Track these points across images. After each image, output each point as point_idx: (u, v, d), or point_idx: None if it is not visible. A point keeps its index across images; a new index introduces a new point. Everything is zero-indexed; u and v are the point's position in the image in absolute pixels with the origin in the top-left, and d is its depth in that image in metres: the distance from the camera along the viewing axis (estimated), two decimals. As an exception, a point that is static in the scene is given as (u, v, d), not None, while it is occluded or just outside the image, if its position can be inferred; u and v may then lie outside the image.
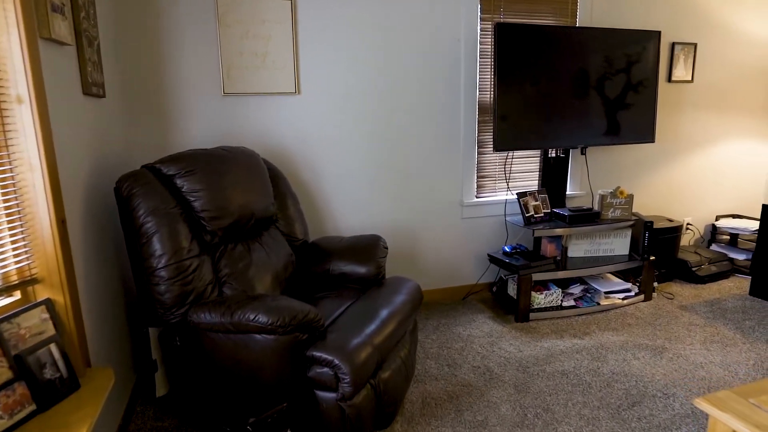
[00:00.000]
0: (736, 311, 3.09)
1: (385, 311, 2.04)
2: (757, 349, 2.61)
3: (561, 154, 3.25)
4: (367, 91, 2.91)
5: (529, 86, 2.95)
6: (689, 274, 3.56)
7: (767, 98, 3.90)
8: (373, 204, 3.06)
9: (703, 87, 3.69)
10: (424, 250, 3.24)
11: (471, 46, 3.05)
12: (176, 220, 1.91)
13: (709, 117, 3.77)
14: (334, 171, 2.95)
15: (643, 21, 3.41)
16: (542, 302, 3.03)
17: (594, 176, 3.55)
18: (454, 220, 3.26)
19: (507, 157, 3.32)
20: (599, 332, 2.83)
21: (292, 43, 2.68)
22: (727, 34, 3.65)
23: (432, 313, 3.12)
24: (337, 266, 2.42)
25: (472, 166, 3.22)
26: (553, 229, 2.98)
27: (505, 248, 3.15)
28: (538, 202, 3.12)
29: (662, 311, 3.10)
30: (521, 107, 2.96)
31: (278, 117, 2.77)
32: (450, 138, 3.14)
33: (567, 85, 3.03)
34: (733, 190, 4.01)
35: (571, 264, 3.11)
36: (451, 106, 3.10)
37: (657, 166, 3.71)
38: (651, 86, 3.24)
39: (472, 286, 3.41)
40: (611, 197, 3.15)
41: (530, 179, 3.42)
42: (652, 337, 2.76)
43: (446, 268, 3.32)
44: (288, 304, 1.70)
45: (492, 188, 3.34)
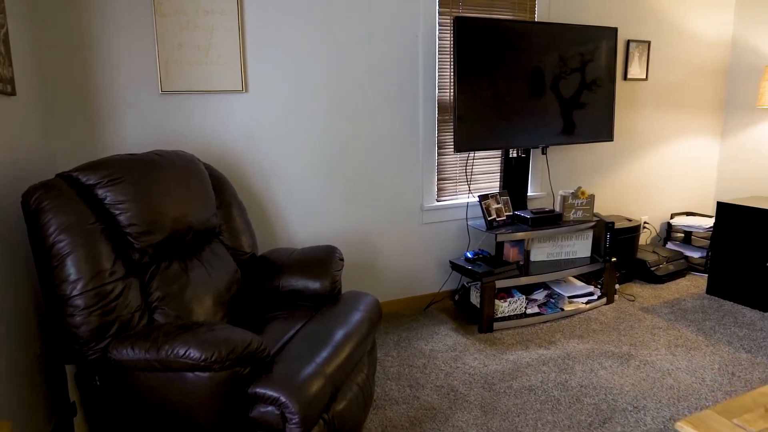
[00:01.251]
0: (695, 311, 3.08)
1: (341, 333, 1.85)
2: (720, 352, 2.59)
3: (522, 154, 3.14)
4: (320, 90, 2.70)
5: (490, 84, 2.82)
6: (648, 274, 3.54)
7: (717, 96, 3.95)
8: (328, 211, 2.86)
9: (656, 85, 3.69)
10: (384, 259, 3.07)
11: (429, 41, 2.89)
12: (96, 237, 1.64)
13: (663, 115, 3.77)
14: (285, 176, 2.72)
15: (599, 18, 3.35)
16: (506, 310, 2.91)
17: (553, 176, 3.47)
18: (414, 225, 3.10)
19: (468, 158, 3.18)
20: (565, 340, 2.74)
21: (239, 36, 2.43)
22: (678, 32, 3.66)
23: (392, 327, 2.95)
24: (288, 282, 2.21)
25: (432, 168, 3.07)
26: (515, 233, 2.86)
27: (467, 254, 3.02)
28: (500, 204, 3.01)
29: (625, 314, 3.05)
30: (482, 105, 2.83)
31: (223, 117, 2.52)
32: (409, 139, 2.98)
33: (528, 82, 2.92)
34: (687, 188, 4.04)
35: (534, 268, 3.01)
36: (410, 105, 2.94)
37: (614, 164, 3.68)
38: (609, 84, 3.18)
39: (434, 295, 3.26)
40: (572, 198, 3.07)
41: (491, 181, 3.31)
42: (617, 344, 2.69)
43: (407, 277, 3.16)
44: (225, 335, 1.47)
45: (453, 191, 3.20)
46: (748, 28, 3.77)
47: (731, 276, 3.19)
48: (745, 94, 3.84)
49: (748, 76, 3.81)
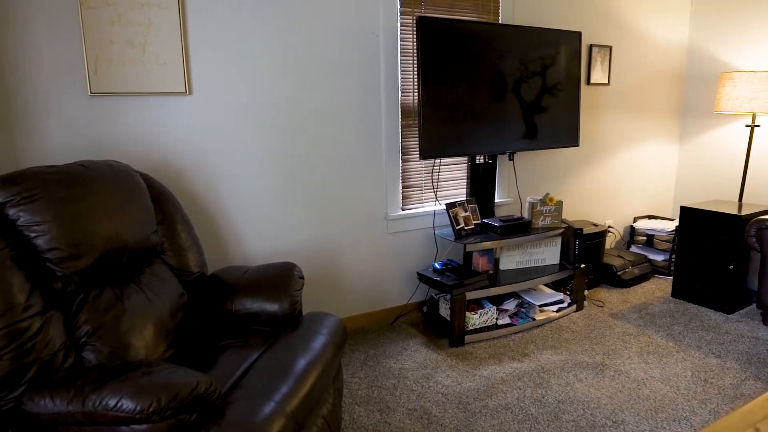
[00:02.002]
0: (663, 316, 3.05)
1: (302, 362, 1.65)
2: (691, 358, 2.54)
3: (489, 160, 3.04)
4: (274, 92, 2.49)
5: (456, 87, 2.70)
6: (615, 278, 3.51)
7: (675, 101, 3.99)
8: (286, 223, 2.65)
9: (618, 90, 3.68)
10: (347, 272, 2.88)
11: (390, 42, 2.74)
12: (5, 266, 1.38)
13: (625, 120, 3.77)
14: (237, 186, 2.49)
15: (562, 22, 3.31)
16: (477, 323, 2.78)
17: (520, 182, 3.39)
18: (378, 235, 2.93)
19: (434, 164, 3.05)
20: (538, 352, 2.64)
21: (180, 32, 2.20)
22: (638, 38, 3.67)
23: (358, 344, 2.76)
24: (243, 304, 1.99)
25: (397, 175, 2.91)
26: (485, 242, 2.74)
27: (435, 265, 2.87)
28: (468, 212, 2.88)
29: (595, 321, 2.99)
30: (448, 110, 2.70)
31: (164, 122, 2.27)
32: (371, 144, 2.81)
33: (494, 86, 2.82)
34: (648, 191, 4.07)
35: (504, 278, 2.90)
36: (371, 109, 2.77)
37: (578, 169, 3.64)
38: (575, 89, 3.13)
39: (402, 308, 3.10)
40: (541, 205, 2.99)
41: (458, 187, 3.18)
42: (590, 353, 2.61)
43: (372, 290, 2.99)
44: (166, 378, 1.25)
45: (419, 199, 3.05)
46: (702, 36, 3.83)
47: (695, 279, 3.20)
48: (702, 100, 3.90)
49: (703, 81, 3.87)
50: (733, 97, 3.23)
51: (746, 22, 3.54)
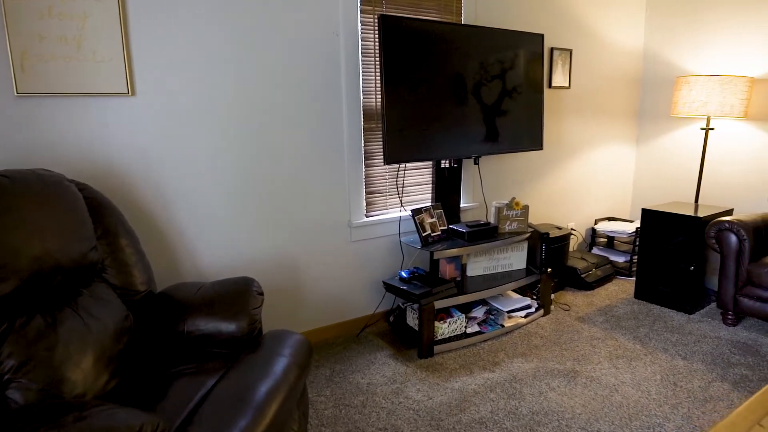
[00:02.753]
0: (628, 318, 3.06)
1: (263, 388, 1.51)
2: (658, 361, 2.54)
3: (454, 164, 2.96)
4: (228, 93, 2.32)
5: (421, 90, 2.61)
6: (579, 281, 3.52)
7: (632, 104, 4.07)
8: (242, 234, 2.47)
9: (578, 93, 3.70)
10: (310, 283, 2.73)
11: (351, 42, 2.62)
12: None
13: (585, 123, 3.80)
14: (188, 195, 2.30)
15: (524, 24, 3.28)
16: (446, 332, 2.70)
17: (484, 186, 3.34)
18: (342, 244, 2.80)
19: (399, 169, 2.95)
20: (509, 360, 2.57)
21: (120, 26, 2.00)
22: (597, 42, 3.71)
23: (323, 359, 2.62)
24: (196, 325, 1.82)
25: (360, 180, 2.79)
26: (452, 249, 2.66)
27: (402, 273, 2.77)
28: (434, 218, 2.79)
29: (563, 326, 2.96)
30: (413, 113, 2.60)
31: (104, 126, 2.06)
32: (332, 149, 2.68)
33: (459, 88, 2.75)
34: (608, 193, 4.12)
35: (471, 285, 2.82)
36: (332, 112, 2.64)
37: (541, 172, 3.63)
38: (538, 92, 3.11)
39: (368, 318, 2.98)
40: (507, 209, 2.94)
41: (423, 192, 3.10)
42: (561, 360, 2.57)
43: (336, 301, 2.85)
44: (105, 422, 1.08)
45: (383, 205, 2.94)
46: (657, 41, 3.91)
47: (657, 280, 3.23)
48: (657, 103, 3.98)
49: (658, 85, 3.95)
50: (689, 101, 3.29)
51: (699, 27, 3.63)
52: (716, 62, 3.56)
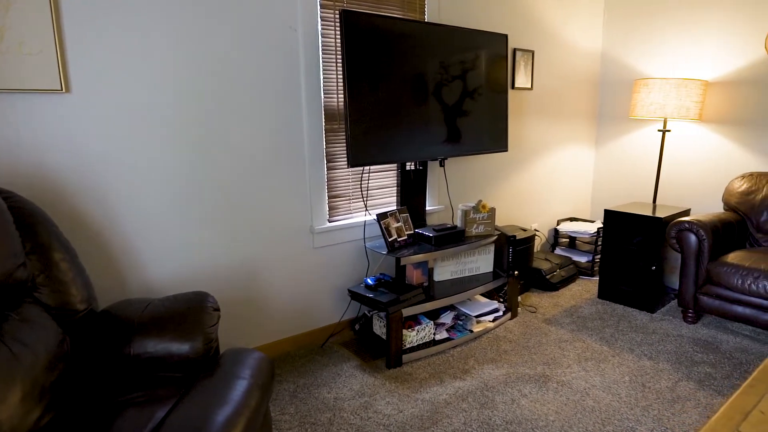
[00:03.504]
0: (593, 318, 3.07)
1: (221, 417, 1.36)
2: (626, 362, 2.54)
3: (419, 166, 2.88)
4: (178, 91, 2.14)
5: (386, 89, 2.50)
6: (544, 282, 3.51)
7: (592, 106, 4.11)
8: (197, 243, 2.29)
9: (540, 94, 3.70)
10: (270, 293, 2.58)
11: (311, 38, 2.49)
12: None
13: (547, 124, 3.81)
14: (135, 203, 2.11)
15: (487, 24, 3.24)
16: (414, 340, 2.60)
17: (451, 189, 3.28)
18: (304, 251, 2.66)
19: (362, 172, 2.83)
20: (479, 367, 2.51)
21: (51, 15, 1.79)
22: (557, 43, 3.72)
23: (286, 373, 2.47)
24: (145, 347, 1.64)
25: (322, 184, 2.66)
26: (419, 254, 2.57)
27: (368, 280, 2.66)
28: (400, 223, 2.70)
29: (530, 329, 2.93)
30: (378, 114, 2.49)
31: (33, 127, 1.84)
32: (292, 151, 2.53)
33: (424, 88, 2.66)
34: (570, 194, 4.15)
35: (440, 290, 2.75)
36: (292, 111, 2.50)
37: (506, 174, 3.61)
38: (503, 93, 3.07)
39: (334, 327, 2.85)
40: (474, 212, 2.88)
41: (388, 195, 3.00)
42: (531, 364, 2.53)
43: (299, 311, 2.70)
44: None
45: (347, 209, 2.82)
46: (615, 43, 3.97)
47: (619, 280, 3.26)
48: (615, 105, 4.04)
49: (616, 87, 4.02)
50: (647, 103, 3.34)
51: (654, 32, 3.71)
52: (672, 66, 3.64)
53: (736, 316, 2.71)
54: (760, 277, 2.58)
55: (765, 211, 3.01)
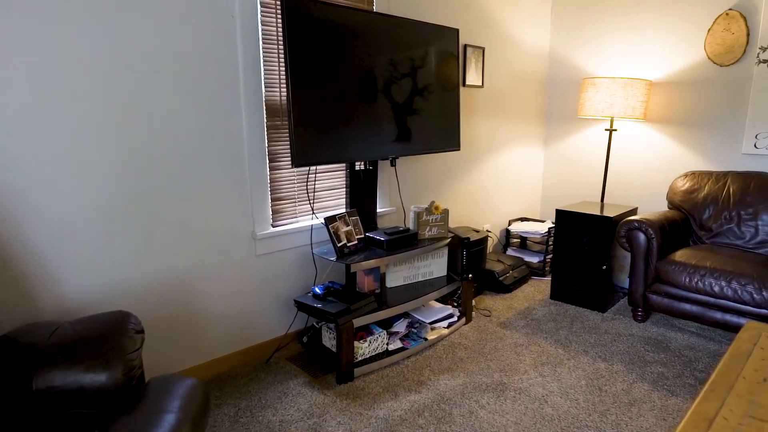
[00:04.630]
0: (547, 320, 3.03)
1: (143, 464, 1.15)
2: (581, 365, 2.51)
3: (369, 166, 2.73)
4: (97, 83, 1.87)
5: (333, 83, 2.33)
6: (497, 284, 3.46)
7: (540, 105, 4.11)
8: (121, 255, 2.03)
9: (491, 92, 3.65)
10: (208, 306, 2.34)
11: (250, 25, 2.28)
12: None
13: (497, 123, 3.76)
14: (48, 210, 1.82)
15: (437, 18, 3.14)
16: (367, 352, 2.45)
17: (402, 190, 3.15)
18: (245, 259, 2.44)
19: (308, 172, 2.65)
20: (435, 378, 2.39)
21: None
22: (507, 41, 3.68)
23: (227, 395, 2.25)
24: (51, 379, 1.40)
25: (264, 186, 2.45)
26: (371, 259, 2.42)
27: (315, 289, 2.48)
28: (350, 226, 2.54)
29: (485, 334, 2.85)
30: (324, 109, 2.32)
31: None
32: (230, 150, 2.31)
33: (373, 82, 2.51)
34: (520, 194, 4.13)
35: (392, 297, 2.61)
36: (229, 106, 2.28)
37: (457, 173, 3.53)
38: (454, 90, 2.97)
39: (280, 340, 2.64)
40: (427, 214, 2.76)
41: (337, 197, 2.82)
42: (487, 372, 2.44)
43: (241, 324, 2.48)
44: None
45: (292, 213, 2.63)
46: (562, 42, 3.98)
47: (571, 280, 3.25)
48: (563, 104, 4.06)
49: (564, 86, 4.03)
50: (595, 102, 3.35)
51: (600, 31, 3.74)
52: (618, 65, 3.68)
53: (684, 314, 2.74)
54: (706, 274, 2.62)
55: (707, 209, 3.08)
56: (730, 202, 3.00)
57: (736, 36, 3.14)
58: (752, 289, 2.47)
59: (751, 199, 2.94)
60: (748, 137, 3.16)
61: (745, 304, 2.52)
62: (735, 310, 2.57)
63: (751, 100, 3.12)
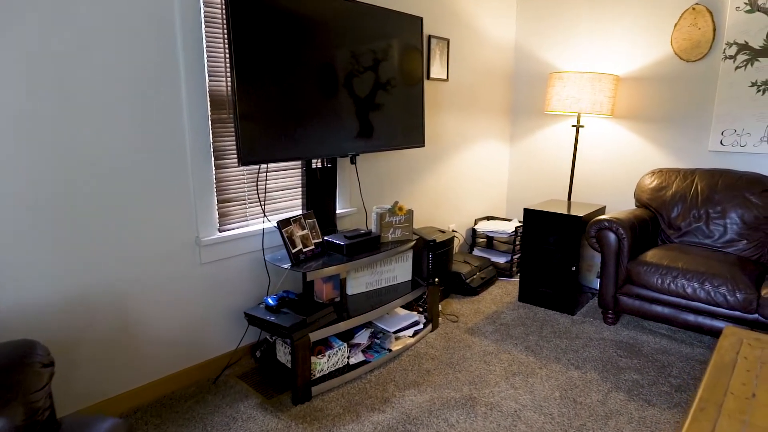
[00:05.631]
0: (516, 325, 2.90)
1: None
2: (554, 374, 2.37)
3: (328, 164, 2.51)
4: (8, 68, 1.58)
5: (283, 73, 2.10)
6: (463, 286, 3.30)
7: (506, 100, 3.98)
8: (37, 269, 1.74)
9: (456, 86, 3.48)
10: (146, 323, 2.07)
11: (190, 5, 2.01)
12: None
13: (462, 118, 3.60)
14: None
15: (402, 6, 2.94)
16: (325, 368, 2.24)
17: (363, 189, 2.94)
18: (189, 268, 2.18)
19: (259, 170, 2.40)
20: (400, 394, 2.20)
21: None
22: (473, 33, 3.52)
23: (168, 422, 1.99)
24: (-77, 433, 1.12)
25: (209, 186, 2.20)
26: (329, 266, 2.21)
27: (268, 300, 2.24)
28: (306, 230, 2.31)
29: (453, 341, 2.69)
30: (276, 101, 2.08)
31: None
32: (169, 146, 2.05)
33: (328, 73, 2.29)
34: (486, 192, 4.00)
35: (354, 306, 2.40)
36: (167, 97, 2.01)
37: (421, 171, 3.35)
38: (418, 83, 2.78)
39: (230, 356, 2.40)
40: (390, 215, 2.57)
41: (292, 198, 2.59)
42: (456, 385, 2.27)
43: (186, 341, 2.22)
44: None
45: (242, 216, 2.38)
46: (528, 35, 3.86)
47: (539, 282, 3.13)
48: (529, 100, 3.94)
49: (529, 81, 3.91)
50: (562, 97, 3.24)
51: (567, 25, 3.63)
52: (584, 60, 3.59)
53: (656, 316, 2.66)
54: (678, 276, 2.53)
55: (675, 207, 3.01)
56: (698, 200, 2.95)
57: (703, 31, 3.08)
58: (726, 291, 2.40)
59: (719, 197, 2.89)
60: (715, 134, 3.12)
61: (718, 306, 2.45)
62: (708, 312, 2.50)
63: (718, 96, 3.07)
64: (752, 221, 2.79)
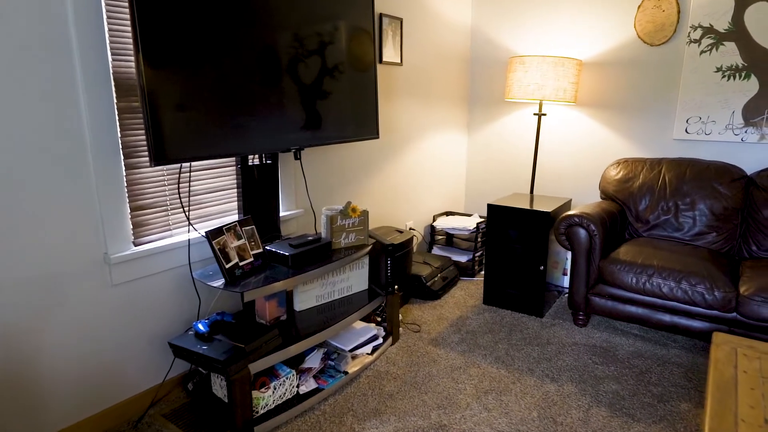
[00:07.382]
0: (483, 332, 2.66)
1: None
2: (529, 389, 2.15)
3: (267, 160, 2.15)
4: None
5: (212, 52, 1.72)
6: (424, 290, 3.04)
7: (463, 87, 3.73)
8: None
9: (411, 71, 3.18)
10: (45, 363, 1.66)
11: (80, -35, 1.59)
12: None
13: (417, 106, 3.31)
14: None
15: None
16: (270, 402, 1.90)
17: (311, 187, 2.60)
18: (97, 290, 1.78)
19: (180, 169, 2.01)
20: (359, 427, 1.90)
21: None
22: (427, 13, 3.22)
23: (67, 490, 1.60)
24: None
25: (118, 190, 1.79)
26: (272, 283, 1.86)
27: (198, 326, 1.88)
28: (242, 240, 1.95)
29: (416, 356, 2.41)
30: (198, 84, 1.70)
31: None
32: (63, 143, 1.63)
33: (266, 54, 1.93)
34: (444, 186, 3.74)
35: (303, 325, 2.07)
36: (58, 80, 1.59)
37: (374, 165, 3.04)
38: (370, 67, 2.46)
39: (156, 391, 2.01)
40: (342, 217, 2.25)
41: (226, 201, 2.21)
42: (423, 409, 1.99)
43: (99, 378, 1.82)
44: None
45: (163, 225, 1.98)
46: (485, 17, 3.61)
47: (505, 283, 2.91)
48: (487, 86, 3.70)
49: (487, 66, 3.67)
50: (524, 83, 3.01)
51: (525, 6, 3.40)
52: (544, 44, 3.37)
53: (630, 317, 2.49)
54: (654, 274, 2.37)
55: (643, 199, 2.86)
56: (666, 191, 2.80)
57: (667, 13, 2.93)
58: (703, 290, 2.25)
59: (688, 188, 2.76)
60: (680, 121, 2.99)
61: (695, 306, 2.30)
62: (685, 311, 2.35)
63: (682, 81, 2.94)
64: (721, 212, 2.67)
